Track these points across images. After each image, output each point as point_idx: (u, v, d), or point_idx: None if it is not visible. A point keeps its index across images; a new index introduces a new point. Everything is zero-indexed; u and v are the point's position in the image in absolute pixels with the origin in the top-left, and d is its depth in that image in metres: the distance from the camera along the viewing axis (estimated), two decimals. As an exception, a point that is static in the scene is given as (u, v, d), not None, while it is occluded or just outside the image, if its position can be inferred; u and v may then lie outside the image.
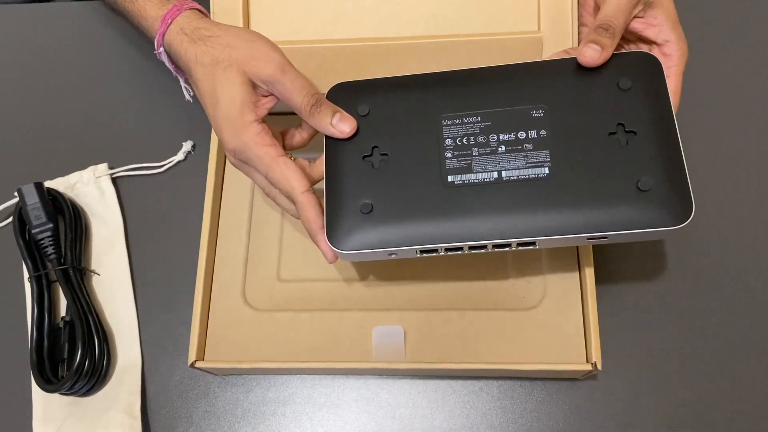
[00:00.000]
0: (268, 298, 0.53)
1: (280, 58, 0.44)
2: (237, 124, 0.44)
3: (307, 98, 0.44)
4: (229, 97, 0.44)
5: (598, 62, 0.44)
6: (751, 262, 0.54)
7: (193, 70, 0.46)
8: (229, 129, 0.45)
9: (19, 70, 0.65)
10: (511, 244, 0.42)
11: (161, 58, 0.49)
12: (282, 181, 0.44)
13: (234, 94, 0.44)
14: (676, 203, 0.41)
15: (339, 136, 0.45)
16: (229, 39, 0.45)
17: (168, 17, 0.47)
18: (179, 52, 0.47)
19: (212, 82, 0.45)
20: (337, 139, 0.45)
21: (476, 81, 0.45)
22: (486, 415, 0.50)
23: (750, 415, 0.49)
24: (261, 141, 0.44)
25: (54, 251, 0.55)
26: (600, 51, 0.43)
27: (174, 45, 0.47)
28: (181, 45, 0.46)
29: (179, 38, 0.47)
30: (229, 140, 0.45)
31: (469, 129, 0.44)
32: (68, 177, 0.59)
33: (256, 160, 0.44)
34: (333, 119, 0.45)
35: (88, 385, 0.51)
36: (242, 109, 0.44)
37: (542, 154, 0.43)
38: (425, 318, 0.51)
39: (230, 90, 0.44)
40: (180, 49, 0.46)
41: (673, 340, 0.52)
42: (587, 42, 0.44)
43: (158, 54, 0.48)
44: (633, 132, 0.42)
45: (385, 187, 0.44)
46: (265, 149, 0.44)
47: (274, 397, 0.52)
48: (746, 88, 0.59)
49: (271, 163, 0.44)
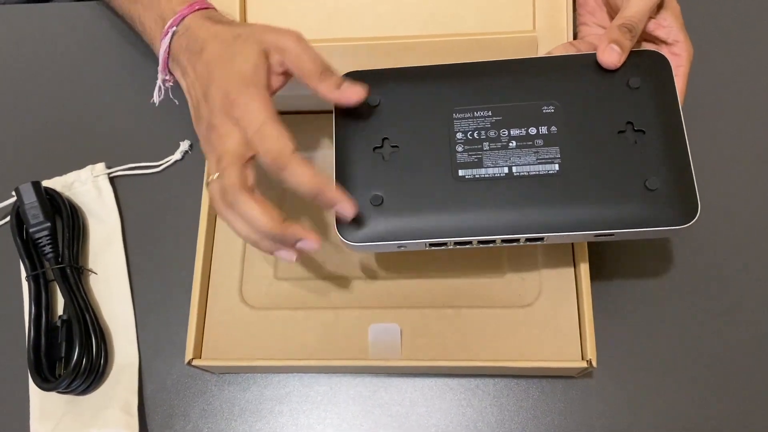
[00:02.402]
0: (264, 296, 0.53)
1: (298, 32, 0.44)
2: (247, 80, 0.43)
3: (318, 65, 0.43)
4: (243, 59, 0.43)
5: (618, 65, 0.44)
6: (748, 262, 0.54)
7: (206, 46, 0.45)
8: (235, 82, 0.43)
9: (17, 70, 0.65)
10: (519, 239, 0.43)
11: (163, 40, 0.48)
12: (276, 137, 0.41)
13: (250, 57, 0.43)
14: (682, 203, 0.41)
15: (347, 101, 0.43)
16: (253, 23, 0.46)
17: (197, 4, 0.48)
18: (196, 32, 0.46)
19: (228, 52, 0.44)
20: (347, 130, 0.45)
21: (488, 74, 0.46)
22: (482, 412, 0.51)
23: (746, 414, 0.50)
24: (265, 97, 0.43)
25: (51, 250, 0.55)
26: (620, 53, 0.44)
27: (193, 26, 0.47)
28: (203, 24, 0.46)
29: (200, 21, 0.47)
30: (229, 90, 0.43)
31: (481, 123, 0.44)
32: (66, 176, 0.59)
33: (253, 112, 0.42)
34: (343, 84, 0.43)
35: (85, 383, 0.52)
36: (256, 71, 0.43)
37: (552, 151, 0.43)
38: (421, 316, 0.51)
39: (246, 54, 0.44)
40: (200, 28, 0.46)
41: (668, 337, 0.52)
42: (610, 41, 0.44)
43: (165, 33, 0.47)
44: (642, 131, 0.43)
45: (395, 180, 0.44)
46: (269, 105, 0.42)
47: (271, 395, 0.52)
48: (751, 89, 0.59)
49: (270, 117, 0.42)
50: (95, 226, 0.58)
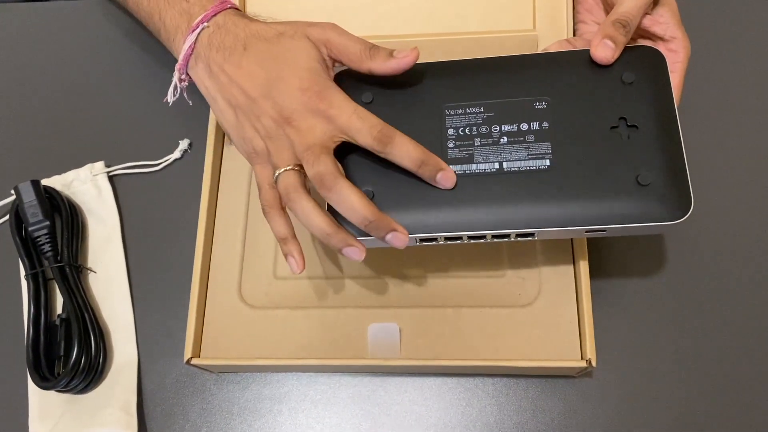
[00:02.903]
0: (264, 295, 0.53)
1: (333, 23, 0.45)
2: (317, 74, 0.44)
3: (363, 46, 0.44)
4: (304, 54, 0.44)
5: (611, 60, 0.44)
6: (748, 259, 0.54)
7: (250, 44, 0.46)
8: (306, 78, 0.44)
9: (16, 68, 0.65)
10: (510, 234, 0.43)
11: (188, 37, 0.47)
12: (366, 118, 0.43)
13: (309, 52, 0.45)
14: (675, 198, 0.41)
15: (404, 66, 0.44)
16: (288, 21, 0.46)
17: (228, 2, 0.48)
18: (234, 29, 0.46)
19: (280, 49, 0.45)
20: None
21: (480, 71, 0.46)
22: (481, 412, 0.51)
23: (746, 412, 0.50)
24: (340, 88, 0.44)
25: (51, 249, 0.55)
26: (614, 49, 0.43)
27: (228, 24, 0.47)
28: (240, 21, 0.47)
29: (235, 19, 0.47)
30: (308, 85, 0.43)
31: (472, 119, 0.44)
32: (65, 175, 0.59)
33: (339, 102, 0.43)
34: (394, 53, 0.44)
35: (84, 382, 0.51)
36: (321, 64, 0.45)
37: (544, 146, 0.43)
38: (420, 315, 0.51)
39: (304, 50, 0.45)
40: (236, 25, 0.46)
41: (668, 336, 0.52)
42: (603, 37, 0.44)
43: (192, 28, 0.47)
44: (635, 126, 0.42)
45: (386, 176, 0.44)
46: (346, 95, 0.44)
47: (270, 394, 0.52)
48: (748, 85, 0.59)
49: (356, 106, 0.43)
50: (94, 225, 0.58)
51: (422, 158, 0.42)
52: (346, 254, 0.43)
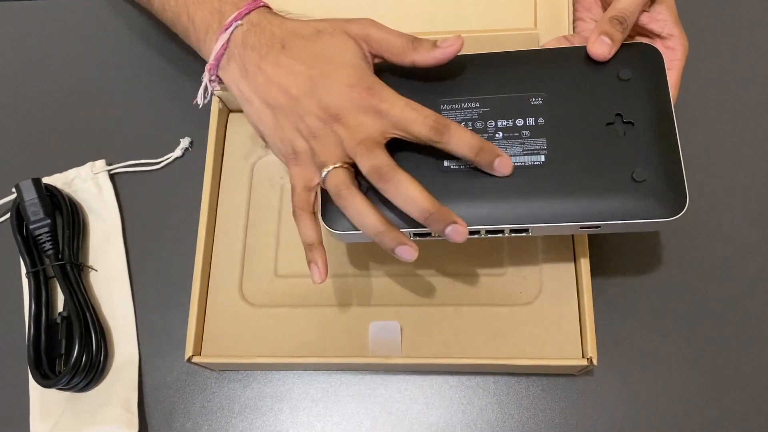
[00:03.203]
0: (264, 293, 0.53)
1: (370, 18, 0.45)
2: (363, 70, 0.43)
3: (405, 39, 0.43)
4: (348, 51, 0.43)
5: (607, 57, 0.43)
6: (748, 257, 0.54)
7: (289, 42, 0.44)
8: (353, 75, 0.43)
9: (17, 66, 0.65)
10: (504, 230, 0.43)
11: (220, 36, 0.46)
12: (420, 110, 0.42)
13: (352, 49, 0.44)
14: (670, 195, 0.41)
15: (449, 55, 0.43)
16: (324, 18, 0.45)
17: (260, 0, 0.46)
18: (270, 27, 0.45)
19: (321, 47, 0.44)
20: None
21: (476, 67, 0.45)
22: (482, 410, 0.51)
23: (747, 410, 0.50)
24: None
25: (51, 247, 0.55)
26: (611, 45, 0.43)
27: (263, 22, 0.45)
28: (275, 19, 0.45)
29: (269, 17, 0.46)
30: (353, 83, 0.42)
31: (468, 114, 0.44)
32: (66, 173, 0.59)
33: (393, 96, 0.42)
34: (437, 42, 0.43)
35: (85, 380, 0.52)
36: (366, 61, 0.44)
37: (539, 142, 0.43)
38: (421, 313, 0.51)
39: (346, 47, 0.44)
40: (272, 23, 0.45)
41: (669, 335, 0.52)
42: (600, 33, 0.43)
43: (225, 27, 0.46)
44: (631, 123, 0.42)
45: None
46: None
47: (270, 392, 0.52)
48: (745, 83, 0.59)
49: (408, 100, 0.42)
50: (95, 223, 0.58)
51: (480, 145, 0.42)
52: (399, 254, 0.42)
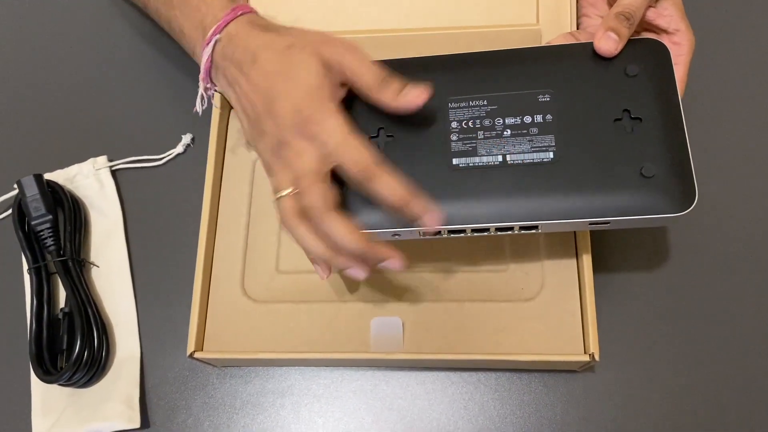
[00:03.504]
0: (266, 289, 0.53)
1: (350, 42, 0.44)
2: (316, 95, 0.42)
3: (376, 74, 0.42)
4: (307, 72, 0.43)
5: (614, 53, 0.43)
6: (752, 252, 0.54)
7: (259, 56, 0.44)
8: (305, 97, 0.42)
9: (19, 62, 0.65)
10: (513, 227, 0.43)
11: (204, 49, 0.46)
12: (360, 148, 0.41)
13: (314, 70, 0.43)
14: (679, 190, 0.41)
15: (410, 105, 0.42)
16: (303, 30, 0.45)
17: (239, 9, 0.46)
18: (245, 40, 0.45)
19: (287, 63, 0.43)
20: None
21: (483, 64, 0.45)
22: (484, 406, 0.51)
23: (749, 408, 0.50)
24: (339, 111, 0.42)
25: (53, 243, 0.55)
26: (618, 41, 0.43)
27: (240, 34, 0.45)
28: (251, 32, 0.45)
29: (247, 28, 0.45)
30: (302, 108, 0.42)
31: (475, 112, 0.44)
32: (68, 169, 0.59)
33: (330, 130, 0.41)
34: (404, 90, 0.42)
35: (86, 376, 0.52)
36: (322, 84, 0.43)
37: (547, 139, 0.43)
38: (424, 309, 0.51)
39: (309, 67, 0.43)
40: (248, 36, 0.45)
41: (671, 331, 0.52)
42: (607, 29, 0.43)
43: (207, 41, 0.46)
44: (639, 119, 0.42)
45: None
46: (344, 118, 0.42)
47: (272, 388, 0.52)
48: (752, 78, 0.59)
49: (350, 133, 0.42)
50: (97, 219, 0.58)
51: (408, 199, 0.41)
52: (349, 274, 0.43)
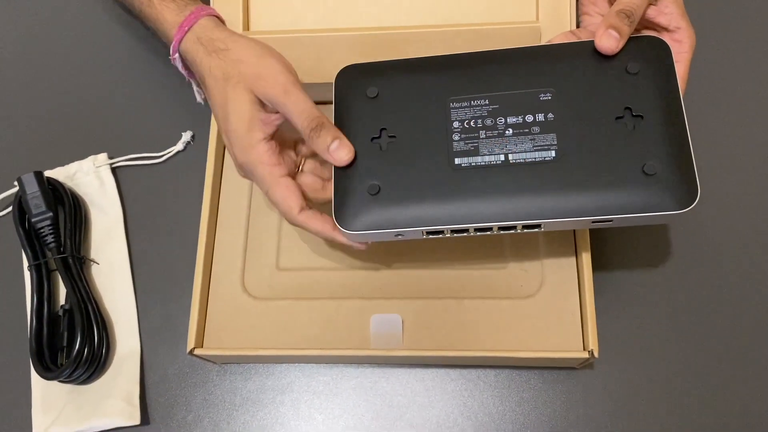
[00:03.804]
0: (266, 286, 0.53)
1: (285, 78, 0.44)
2: (244, 142, 0.45)
3: (307, 122, 0.44)
4: (238, 114, 0.45)
5: (615, 51, 0.43)
6: (752, 251, 0.54)
7: (206, 81, 0.47)
8: (237, 145, 0.45)
9: (19, 60, 0.65)
10: (516, 226, 0.43)
11: (175, 64, 0.49)
12: (280, 202, 0.45)
13: (243, 112, 0.44)
14: (681, 188, 0.41)
15: (336, 163, 0.44)
16: (240, 54, 0.45)
17: (185, 24, 0.47)
18: (195, 61, 0.47)
19: (224, 98, 0.45)
20: (345, 120, 0.45)
21: (485, 64, 0.45)
22: (483, 403, 0.51)
23: (747, 404, 0.50)
24: (267, 160, 0.45)
25: (53, 240, 0.55)
26: (618, 39, 0.43)
27: (190, 53, 0.47)
28: (197, 55, 0.47)
29: (195, 48, 0.47)
30: (237, 155, 0.46)
31: (477, 112, 0.44)
32: (68, 166, 0.59)
33: (260, 179, 0.45)
34: (331, 146, 0.44)
35: (87, 372, 0.52)
36: (250, 127, 0.44)
37: (549, 138, 0.43)
38: (423, 306, 0.51)
39: (239, 107, 0.44)
40: (195, 58, 0.47)
41: (670, 328, 0.52)
42: (608, 27, 0.43)
43: (173, 59, 0.49)
44: (640, 116, 0.42)
45: (392, 169, 0.44)
46: (269, 169, 0.45)
47: (272, 385, 0.52)
48: (753, 75, 0.59)
49: (272, 183, 0.45)
50: (97, 217, 0.58)
51: (325, 238, 0.46)
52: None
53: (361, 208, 0.44)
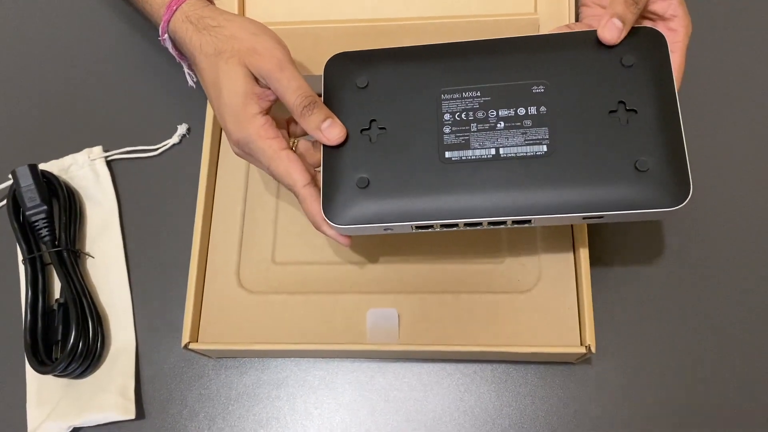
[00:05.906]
0: (262, 280, 0.52)
1: (281, 54, 0.44)
2: (240, 117, 0.44)
3: (300, 99, 0.43)
4: (232, 89, 0.44)
5: (617, 41, 0.43)
6: (749, 247, 0.53)
7: (197, 59, 0.46)
8: (232, 121, 0.44)
9: (13, 53, 0.64)
10: (506, 221, 0.42)
11: (165, 45, 0.48)
12: (284, 175, 0.44)
13: (237, 86, 0.44)
14: (673, 184, 0.40)
15: (326, 142, 0.44)
16: (234, 30, 0.45)
17: (173, 4, 0.47)
18: (184, 40, 0.46)
19: (215, 73, 0.44)
20: (334, 111, 0.45)
21: (477, 54, 0.45)
22: (480, 398, 0.50)
23: (745, 400, 0.49)
24: (264, 134, 0.44)
25: (48, 233, 0.54)
26: (621, 29, 0.42)
27: (179, 33, 0.47)
28: (186, 33, 0.46)
29: (184, 26, 0.46)
30: (233, 131, 0.45)
31: (469, 104, 0.44)
32: (63, 159, 0.59)
33: (259, 153, 0.44)
34: (323, 124, 0.43)
35: (81, 366, 0.51)
36: (245, 101, 0.44)
37: (541, 132, 0.42)
38: (420, 301, 0.51)
39: (233, 82, 0.44)
40: (185, 37, 0.46)
41: (667, 323, 0.52)
42: (612, 15, 0.42)
43: (162, 40, 0.48)
44: (634, 110, 0.42)
45: (382, 162, 0.43)
46: (268, 142, 0.44)
47: (268, 379, 0.52)
48: (750, 69, 0.59)
49: (273, 156, 0.44)
50: (92, 210, 0.58)
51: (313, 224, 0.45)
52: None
53: (349, 201, 0.43)
